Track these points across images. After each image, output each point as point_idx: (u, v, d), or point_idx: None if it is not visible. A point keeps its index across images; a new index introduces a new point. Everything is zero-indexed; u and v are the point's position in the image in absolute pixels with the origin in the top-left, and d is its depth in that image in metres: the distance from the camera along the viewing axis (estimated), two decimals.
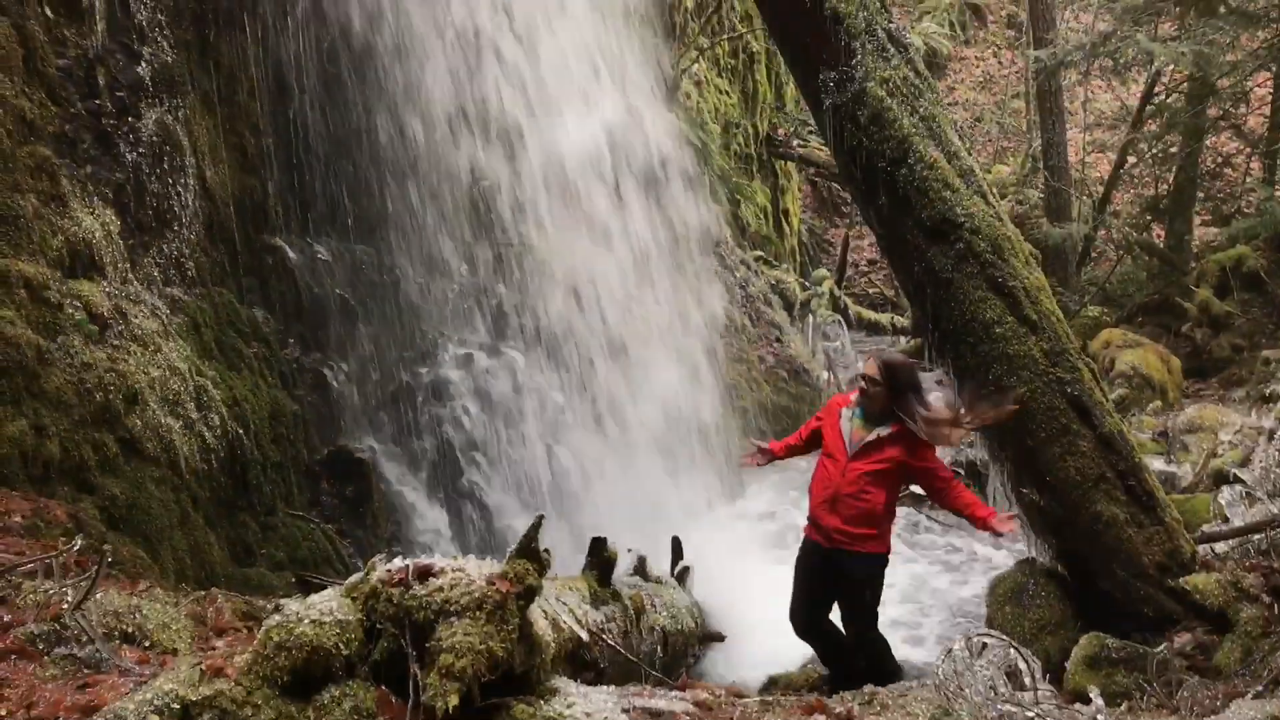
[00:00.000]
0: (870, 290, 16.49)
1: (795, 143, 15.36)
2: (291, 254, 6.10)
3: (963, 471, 7.90)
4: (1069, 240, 12.76)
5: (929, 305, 4.96)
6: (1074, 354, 4.89)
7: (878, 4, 5.14)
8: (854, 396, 4.74)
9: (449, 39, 6.91)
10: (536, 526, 2.43)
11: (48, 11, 4.78)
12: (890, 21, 5.17)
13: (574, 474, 7.29)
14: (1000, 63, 20.14)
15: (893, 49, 5.03)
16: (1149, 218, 13.69)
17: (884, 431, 4.55)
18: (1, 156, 4.33)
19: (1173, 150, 12.85)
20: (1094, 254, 14.19)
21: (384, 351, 6.66)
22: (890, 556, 4.69)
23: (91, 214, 4.74)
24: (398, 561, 2.37)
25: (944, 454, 5.39)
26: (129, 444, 4.56)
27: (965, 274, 4.78)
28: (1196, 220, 13.59)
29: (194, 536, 4.77)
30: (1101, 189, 13.94)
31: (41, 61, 4.69)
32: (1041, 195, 14.20)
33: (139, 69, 5.22)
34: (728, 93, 14.07)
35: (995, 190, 5.35)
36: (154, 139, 5.18)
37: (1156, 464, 7.25)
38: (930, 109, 4.98)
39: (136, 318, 4.81)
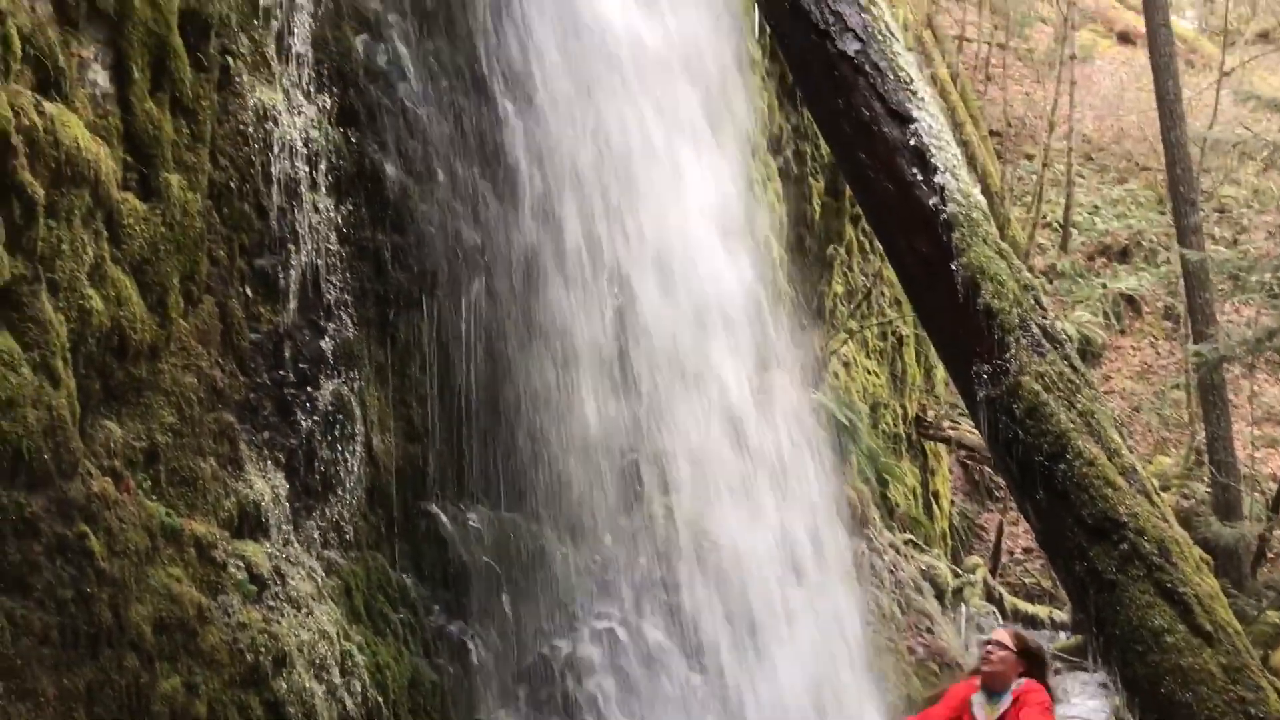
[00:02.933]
0: (1026, 580, 15.77)
1: (946, 424, 15.25)
2: (445, 521, 6.26)
3: None
4: (1241, 541, 12.10)
5: (1092, 607, 4.73)
6: (1255, 670, 4.54)
7: (1031, 300, 5.20)
8: (978, 681, 4.51)
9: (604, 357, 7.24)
10: None
11: (248, 290, 5.23)
12: (1044, 317, 5.21)
13: None
14: (1158, 353, 19.86)
15: (1047, 344, 5.04)
16: None
17: (1006, 704, 4.31)
18: (190, 422, 4.66)
19: None
20: (1269, 555, 13.38)
21: (524, 622, 6.64)
22: None
23: (263, 477, 5.01)
24: None
25: None
26: (273, 707, 4.61)
27: (1131, 577, 4.56)
28: None
29: None
30: (1274, 486, 13.30)
31: (237, 335, 5.10)
32: (1208, 491, 13.61)
33: (322, 343, 5.61)
34: (876, 373, 14.19)
35: (1158, 483, 5.18)
36: (329, 408, 5.50)
37: None
38: (1088, 405, 4.92)
39: (294, 579, 4.97)
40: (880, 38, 5.63)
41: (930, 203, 5.28)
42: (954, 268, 5.15)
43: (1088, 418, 4.86)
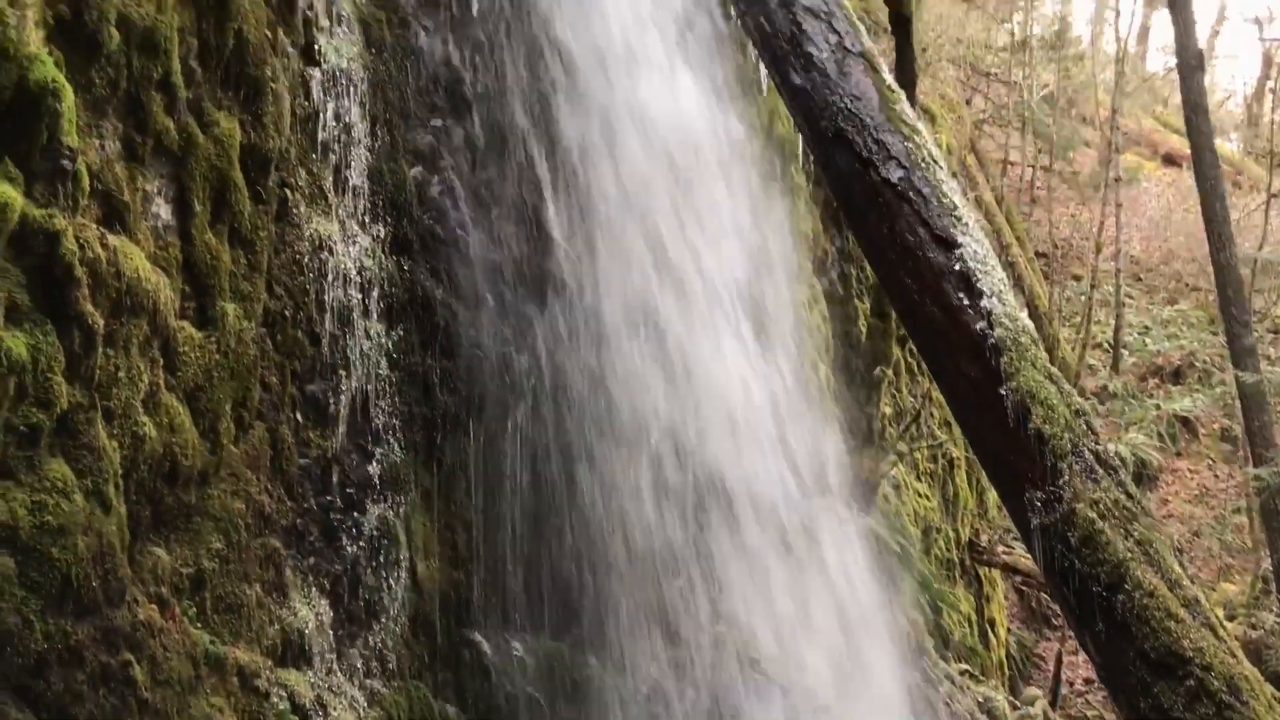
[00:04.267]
0: (1088, 714, 15.19)
1: (1000, 549, 14.92)
2: (488, 649, 6.17)
3: None
4: None
5: None
6: None
7: (1083, 425, 5.12)
8: None
9: (652, 482, 7.22)
10: None
11: (298, 416, 5.29)
12: (1097, 443, 5.12)
13: None
14: (1216, 475, 19.42)
15: (1101, 471, 4.94)
16: None
17: None
18: (237, 548, 4.67)
19: None
20: None
21: None
22: None
23: (308, 604, 4.99)
24: None
25: None
26: None
27: (1199, 716, 4.37)
28: None
29: None
30: None
31: (286, 460, 5.14)
32: (1278, 621, 13.13)
33: (369, 468, 5.65)
34: (927, 496, 13.98)
35: (1223, 612, 5.00)
36: (374, 533, 5.50)
37: None
38: (1146, 533, 4.79)
39: (335, 710, 4.90)
40: (923, 164, 5.69)
41: (977, 327, 5.26)
42: (1003, 392, 5.10)
43: (1146, 546, 4.72)
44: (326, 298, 5.47)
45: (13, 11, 3.65)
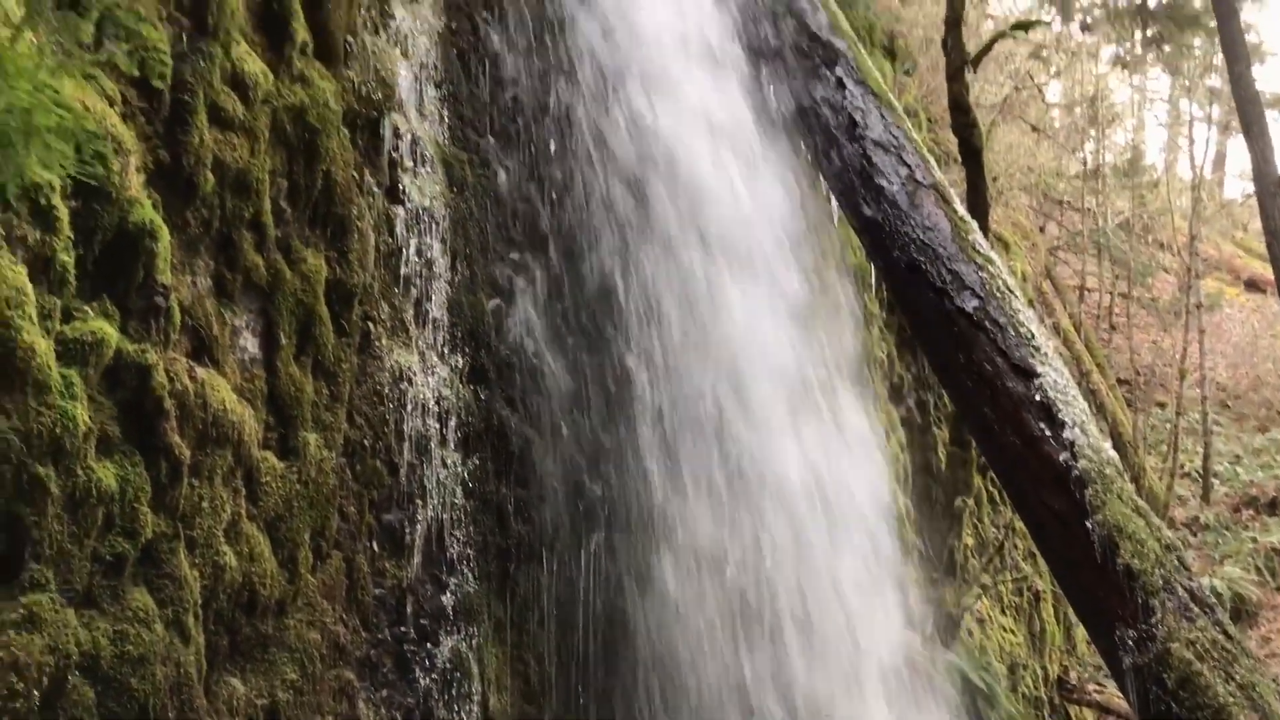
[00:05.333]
0: None
1: (1090, 687, 14.30)
2: None
3: None
4: None
5: None
6: None
7: (1174, 561, 4.95)
8: None
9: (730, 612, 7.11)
10: None
11: (375, 546, 5.33)
12: (1190, 579, 4.94)
13: None
14: None
15: (1196, 609, 4.76)
16: None
17: None
18: (312, 679, 4.66)
19: None
20: None
21: None
22: None
23: None
24: None
25: None
26: None
27: None
28: None
29: None
30: None
31: (362, 591, 5.15)
32: None
33: (443, 598, 5.63)
34: (1013, 631, 13.51)
35: None
36: (447, 666, 5.45)
37: None
38: (1248, 675, 4.57)
39: None
40: (999, 294, 5.68)
41: (1060, 458, 5.17)
42: (1089, 526, 4.97)
43: (1249, 690, 4.50)
44: (405, 427, 5.55)
45: (117, 159, 3.85)
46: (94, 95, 3.83)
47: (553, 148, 7.00)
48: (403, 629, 5.35)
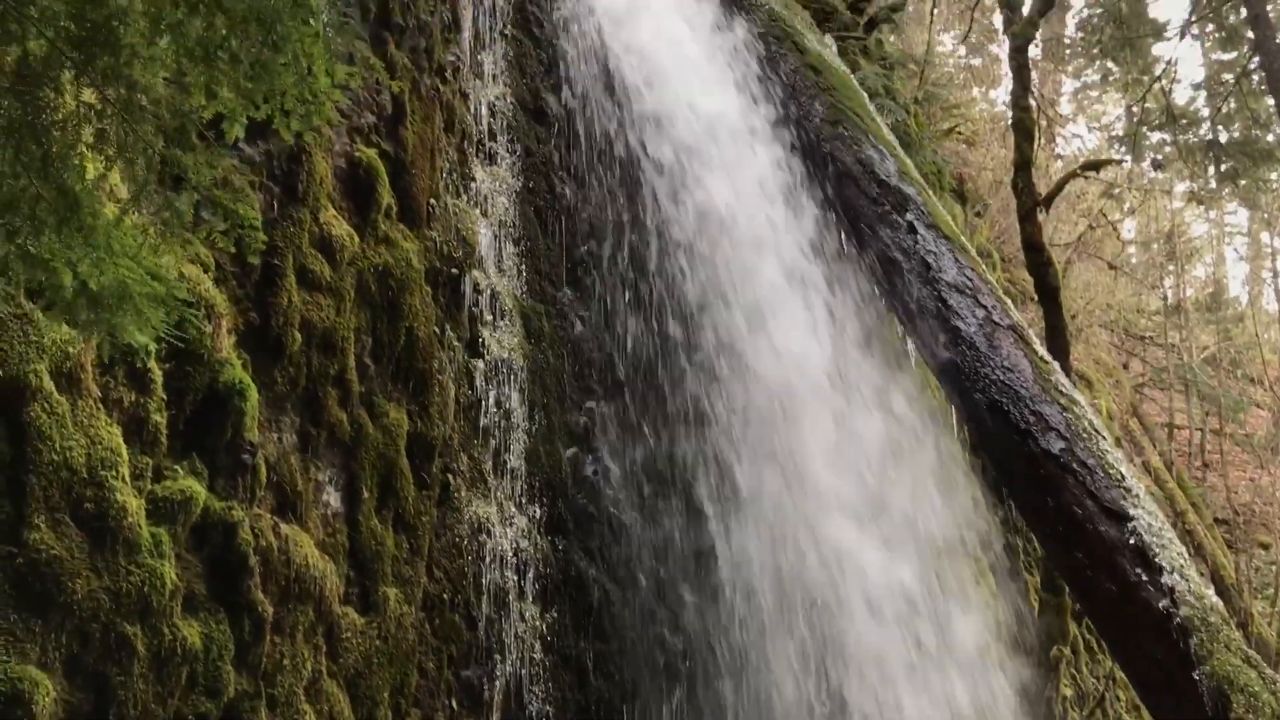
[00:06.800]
0: None
1: None
2: None
3: None
4: None
5: None
6: None
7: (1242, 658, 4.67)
8: None
9: None
10: None
11: (453, 703, 5.24)
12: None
13: None
14: None
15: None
16: None
17: None
18: None
19: None
20: None
21: None
22: None
23: None
24: None
25: None
26: None
27: None
28: None
29: None
30: None
31: None
32: None
33: None
34: None
35: None
36: None
37: None
38: None
39: None
40: (1085, 435, 5.55)
41: (1160, 605, 4.94)
42: (1196, 678, 4.71)
43: None
44: (484, 580, 5.53)
45: (208, 322, 3.99)
46: (189, 263, 4.00)
47: (628, 297, 7.11)
48: None
